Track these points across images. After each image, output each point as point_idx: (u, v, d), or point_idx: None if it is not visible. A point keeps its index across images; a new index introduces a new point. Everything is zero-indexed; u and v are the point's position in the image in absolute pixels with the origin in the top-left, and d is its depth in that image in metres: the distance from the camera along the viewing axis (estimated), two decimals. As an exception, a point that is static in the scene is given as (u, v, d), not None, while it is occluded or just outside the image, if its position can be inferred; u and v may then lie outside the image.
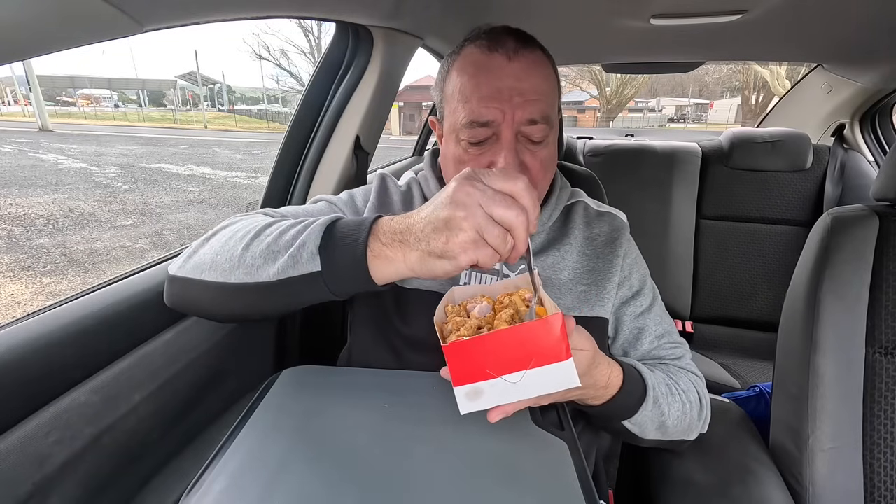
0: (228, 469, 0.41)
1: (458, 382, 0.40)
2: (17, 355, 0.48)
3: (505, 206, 0.39)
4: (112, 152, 11.12)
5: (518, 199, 0.40)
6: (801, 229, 1.54)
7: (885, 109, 1.72)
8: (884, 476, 0.66)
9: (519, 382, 0.40)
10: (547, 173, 0.63)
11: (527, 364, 0.39)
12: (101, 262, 4.22)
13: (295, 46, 28.24)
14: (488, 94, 0.57)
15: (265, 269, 0.48)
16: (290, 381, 0.54)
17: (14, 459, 0.44)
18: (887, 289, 0.66)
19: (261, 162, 10.76)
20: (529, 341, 0.39)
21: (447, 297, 0.52)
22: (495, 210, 0.39)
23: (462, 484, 0.40)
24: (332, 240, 0.47)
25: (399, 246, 0.44)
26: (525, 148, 0.60)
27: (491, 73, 0.58)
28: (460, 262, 0.41)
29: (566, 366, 0.39)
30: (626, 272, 0.67)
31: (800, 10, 1.02)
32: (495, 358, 0.39)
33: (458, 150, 0.61)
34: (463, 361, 0.39)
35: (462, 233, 0.40)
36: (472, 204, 0.39)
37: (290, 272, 0.47)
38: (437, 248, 0.41)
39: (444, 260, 0.41)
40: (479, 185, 0.40)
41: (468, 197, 0.40)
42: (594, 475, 0.69)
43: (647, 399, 0.55)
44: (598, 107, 21.29)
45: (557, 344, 0.39)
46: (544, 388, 0.41)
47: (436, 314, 0.48)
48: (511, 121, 0.57)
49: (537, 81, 0.59)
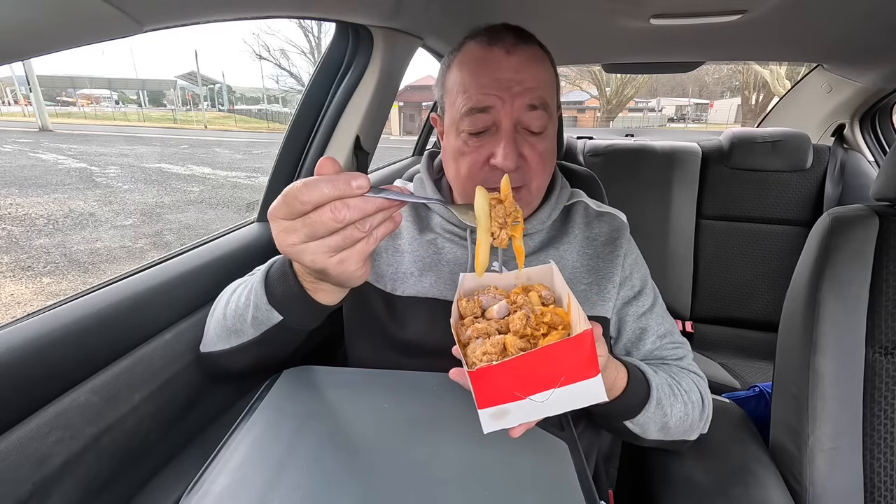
0: (228, 469, 0.41)
1: (483, 405, 0.38)
2: (17, 355, 0.48)
3: (311, 222, 0.38)
4: (112, 152, 11.11)
5: (308, 204, 0.37)
6: (801, 229, 1.54)
7: (885, 109, 1.72)
8: (884, 476, 0.66)
9: (546, 401, 0.38)
10: (545, 167, 0.63)
11: (555, 383, 0.37)
12: (101, 262, 4.22)
13: (295, 46, 28.26)
14: (487, 83, 0.58)
15: (245, 330, 0.55)
16: (290, 381, 0.54)
17: (14, 459, 0.44)
18: (887, 289, 0.66)
19: (261, 162, 10.75)
20: (559, 360, 0.37)
21: (459, 291, 0.51)
22: (316, 232, 0.38)
23: (462, 484, 0.40)
24: (275, 294, 0.51)
25: (318, 284, 0.48)
26: (524, 140, 0.60)
27: (490, 64, 0.59)
28: (356, 275, 0.42)
29: (595, 382, 0.38)
30: (628, 272, 0.67)
31: (800, 10, 1.02)
32: (523, 379, 0.37)
33: (458, 143, 0.61)
34: (490, 385, 0.37)
35: (328, 269, 0.40)
36: (304, 252, 0.39)
37: (263, 328, 0.53)
38: (321, 275, 0.43)
39: (340, 279, 0.43)
40: (287, 238, 0.39)
41: (295, 252, 0.39)
42: (594, 475, 0.69)
43: (651, 400, 0.55)
44: (598, 107, 21.28)
45: (588, 361, 0.37)
46: (572, 404, 0.39)
47: (451, 315, 0.47)
48: (510, 109, 0.58)
49: (535, 72, 0.60)
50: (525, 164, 0.60)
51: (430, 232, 0.67)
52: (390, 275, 0.65)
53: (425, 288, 0.63)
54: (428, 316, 0.61)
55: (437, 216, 0.68)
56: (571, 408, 0.39)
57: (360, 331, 0.67)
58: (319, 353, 0.74)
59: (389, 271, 0.65)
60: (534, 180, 0.62)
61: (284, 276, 0.51)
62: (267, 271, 0.54)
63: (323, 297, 0.49)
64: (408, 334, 0.62)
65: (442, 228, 0.67)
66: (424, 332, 0.61)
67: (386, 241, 0.67)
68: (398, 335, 0.62)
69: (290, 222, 0.38)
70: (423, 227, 0.68)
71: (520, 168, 0.60)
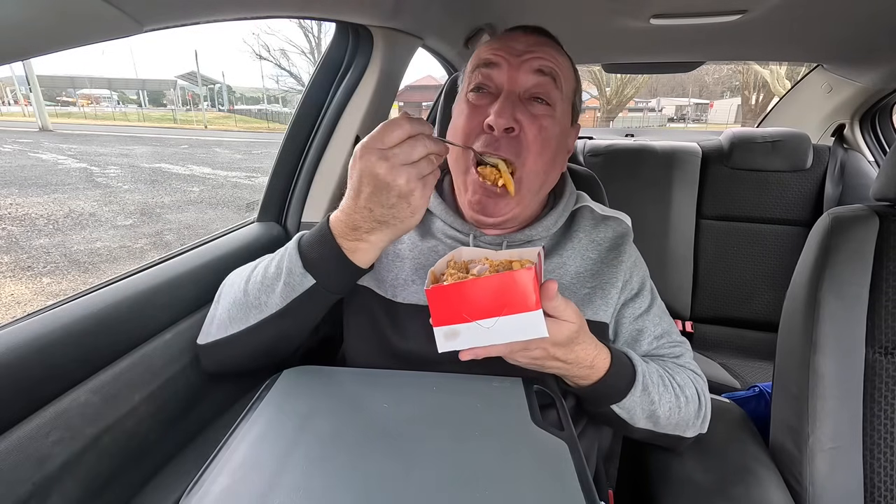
0: (228, 469, 0.41)
1: (437, 323, 0.45)
2: (17, 355, 0.48)
3: (410, 147, 0.45)
4: (112, 152, 11.11)
5: (410, 133, 0.45)
6: (801, 229, 1.54)
7: (885, 109, 1.72)
8: (884, 476, 0.66)
9: (492, 328, 0.44)
10: (544, 147, 0.60)
11: (500, 311, 0.43)
12: (101, 262, 4.23)
13: (295, 46, 28.25)
14: (499, 46, 0.61)
15: (270, 302, 0.56)
16: (290, 381, 0.54)
17: (14, 459, 0.44)
18: (887, 289, 0.66)
19: (261, 162, 10.76)
20: (503, 290, 0.43)
21: (453, 254, 0.54)
22: (411, 155, 0.45)
23: (462, 484, 0.40)
24: (310, 258, 0.54)
25: (363, 237, 0.51)
26: (525, 108, 0.59)
27: (507, 38, 0.62)
28: (415, 201, 0.47)
29: (535, 316, 0.43)
30: (628, 275, 0.66)
31: (800, 10, 1.02)
32: (472, 304, 0.44)
33: (462, 104, 0.63)
34: (442, 304, 0.44)
35: (415, 191, 0.46)
36: (399, 171, 0.45)
37: (293, 295, 0.54)
38: (388, 214, 0.48)
39: (403, 215, 0.48)
40: (393, 159, 0.45)
41: (394, 171, 0.45)
42: (594, 475, 0.69)
43: (636, 384, 0.56)
44: (598, 107, 21.27)
45: (528, 295, 0.43)
46: (515, 336, 0.45)
47: (436, 265, 0.52)
48: (515, 73, 0.59)
49: (551, 51, 0.61)
50: (521, 132, 0.58)
51: (431, 238, 0.66)
52: (391, 281, 0.64)
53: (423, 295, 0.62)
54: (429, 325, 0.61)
55: (439, 220, 0.67)
56: (515, 338, 0.45)
57: (360, 339, 0.65)
58: (319, 354, 0.74)
59: (390, 277, 0.64)
60: (528, 157, 0.59)
61: (322, 240, 0.53)
62: (299, 240, 0.56)
63: (360, 256, 0.53)
64: (409, 344, 0.61)
65: (443, 234, 0.66)
66: (425, 342, 0.59)
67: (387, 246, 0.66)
68: (400, 344, 0.61)
69: (385, 150, 0.45)
70: (425, 233, 0.67)
71: (515, 137, 0.58)
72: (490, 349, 0.46)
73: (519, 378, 0.54)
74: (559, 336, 0.47)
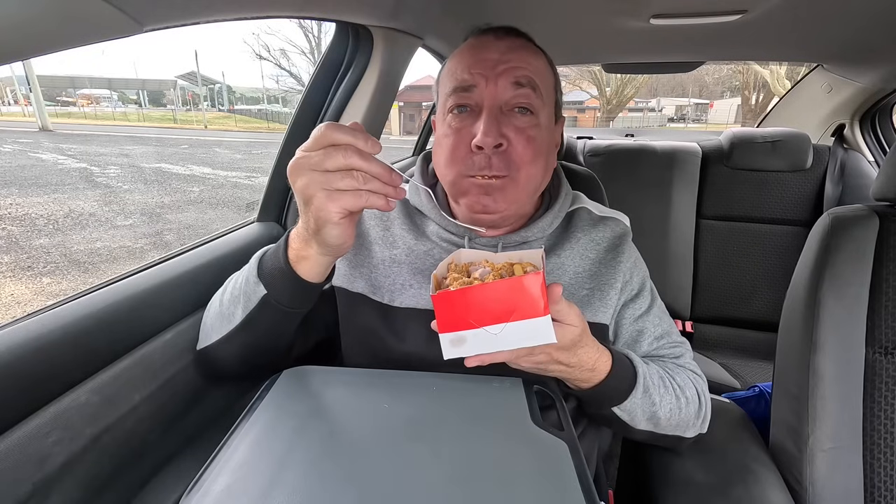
0: (228, 469, 0.41)
1: (443, 329, 0.44)
2: (17, 355, 0.48)
3: (325, 154, 0.43)
4: (112, 152, 11.10)
5: (331, 141, 0.43)
6: (801, 229, 1.54)
7: (885, 109, 1.72)
8: (884, 476, 0.66)
9: (499, 334, 0.43)
10: (536, 156, 0.59)
11: (508, 317, 0.42)
12: (101, 262, 4.22)
13: (295, 46, 28.24)
14: (473, 63, 0.59)
15: (236, 313, 0.57)
16: (290, 381, 0.54)
17: (14, 459, 0.44)
18: (887, 289, 0.66)
19: (261, 162, 10.74)
20: (511, 296, 0.42)
21: (452, 256, 0.53)
22: (324, 163, 0.43)
23: (462, 484, 0.40)
24: (264, 266, 0.55)
25: (304, 244, 0.51)
26: (510, 121, 0.58)
27: (477, 47, 0.60)
28: (333, 218, 0.45)
29: (543, 322, 0.42)
30: (628, 276, 0.66)
31: (800, 10, 1.02)
32: (479, 310, 0.42)
33: (443, 128, 0.61)
34: (449, 310, 0.43)
35: (314, 198, 0.45)
36: (303, 174, 0.44)
37: (249, 305, 0.55)
38: (312, 223, 0.47)
39: (326, 228, 0.46)
40: (299, 159, 0.44)
41: (298, 171, 0.44)
42: (594, 475, 0.69)
43: (637, 386, 0.56)
44: (598, 107, 21.28)
45: (536, 300, 0.42)
46: (522, 342, 0.44)
47: (437, 269, 0.51)
48: (493, 89, 0.58)
49: (524, 55, 0.60)
50: (510, 146, 0.57)
51: (426, 241, 0.66)
52: (387, 286, 0.63)
53: (425, 300, 0.61)
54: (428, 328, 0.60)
55: (433, 223, 0.66)
56: (523, 344, 0.44)
57: (357, 346, 0.65)
58: (319, 354, 0.74)
59: (387, 283, 0.63)
60: (521, 169, 0.58)
61: (276, 249, 0.54)
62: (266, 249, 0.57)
63: (304, 267, 0.52)
64: (407, 347, 0.60)
65: (438, 237, 0.66)
66: (424, 345, 0.59)
67: (382, 252, 0.65)
68: (397, 348, 0.61)
69: (311, 153, 0.44)
70: (420, 236, 0.66)
71: (504, 152, 0.57)
72: (496, 356, 0.45)
73: (519, 378, 0.54)
74: (563, 340, 0.47)
